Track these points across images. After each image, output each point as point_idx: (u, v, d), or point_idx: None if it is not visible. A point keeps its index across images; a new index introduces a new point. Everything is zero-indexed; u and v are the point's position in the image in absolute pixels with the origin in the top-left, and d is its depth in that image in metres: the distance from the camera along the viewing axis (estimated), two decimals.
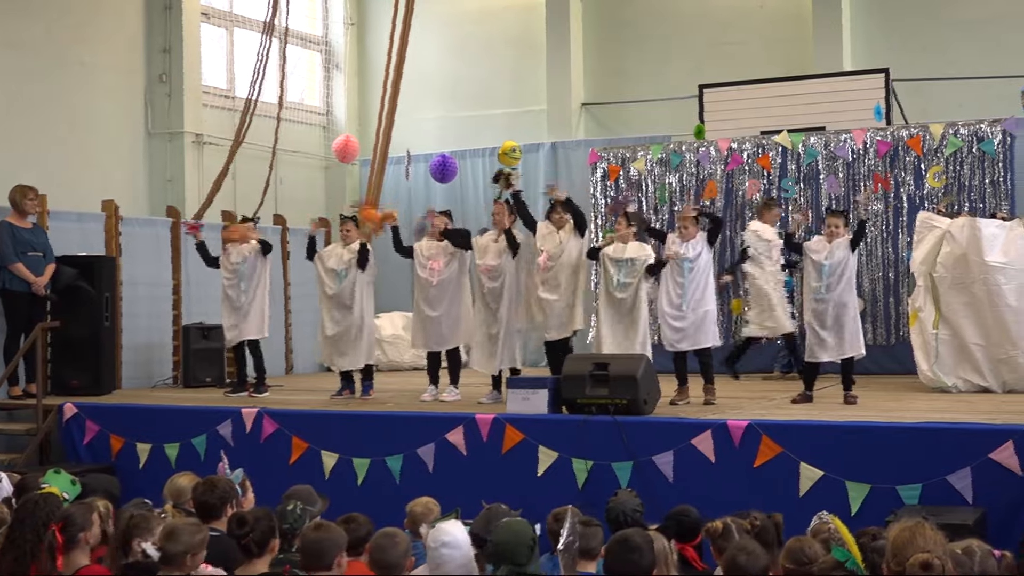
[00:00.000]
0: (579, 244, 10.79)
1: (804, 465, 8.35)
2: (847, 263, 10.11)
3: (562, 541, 5.14)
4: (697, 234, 10.31)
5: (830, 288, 10.05)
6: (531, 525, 5.28)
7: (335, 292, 11.69)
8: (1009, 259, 10.74)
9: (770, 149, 13.91)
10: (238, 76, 16.73)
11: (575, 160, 16.26)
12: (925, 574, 3.95)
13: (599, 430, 9.10)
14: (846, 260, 10.09)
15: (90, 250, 13.33)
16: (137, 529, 5.67)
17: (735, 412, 9.43)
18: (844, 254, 10.09)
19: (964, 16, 15.14)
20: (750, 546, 5.10)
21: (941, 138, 13.12)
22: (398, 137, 15.76)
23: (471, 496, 7.07)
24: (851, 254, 10.14)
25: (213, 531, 5.76)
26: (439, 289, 11.25)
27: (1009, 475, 7.80)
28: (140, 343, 14.10)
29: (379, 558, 5.36)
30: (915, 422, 8.57)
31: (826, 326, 10.10)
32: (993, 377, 10.84)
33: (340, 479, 9.86)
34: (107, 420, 11.29)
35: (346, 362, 11.77)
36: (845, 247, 10.09)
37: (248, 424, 10.52)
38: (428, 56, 17.54)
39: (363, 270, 11.66)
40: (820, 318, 10.13)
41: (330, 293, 11.74)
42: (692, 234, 10.30)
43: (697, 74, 15.51)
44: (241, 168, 15.74)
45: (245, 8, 17.05)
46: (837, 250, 10.08)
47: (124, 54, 15.26)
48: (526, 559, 5.06)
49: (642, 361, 9.52)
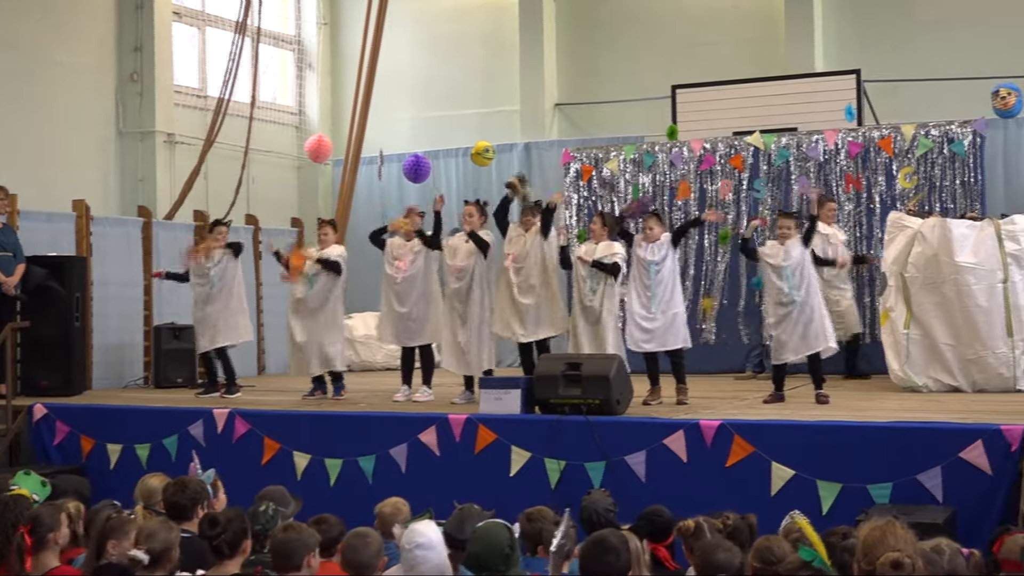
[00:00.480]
0: (543, 245, 10.79)
1: (776, 465, 8.38)
2: (804, 261, 10.21)
3: (555, 543, 5.16)
4: (662, 237, 10.33)
5: (797, 288, 10.12)
6: (509, 527, 5.27)
7: (303, 296, 11.65)
8: (979, 259, 10.81)
9: (742, 150, 13.95)
10: (210, 75, 16.66)
11: (548, 160, 16.27)
12: (895, 573, 3.96)
13: (572, 430, 9.11)
14: (803, 259, 10.20)
15: (61, 250, 13.26)
16: (113, 531, 5.64)
17: (707, 412, 9.46)
18: (799, 253, 10.18)
19: (935, 17, 15.22)
20: (725, 544, 5.11)
21: (912, 139, 13.19)
22: (371, 137, 15.78)
23: (444, 496, 7.06)
24: (806, 251, 10.24)
25: (184, 532, 5.73)
26: (404, 286, 11.25)
27: (979, 474, 7.85)
28: (111, 343, 14.03)
29: (351, 558, 5.36)
30: (886, 421, 8.61)
31: (792, 326, 10.16)
32: (963, 377, 10.90)
33: (312, 480, 9.83)
34: (78, 421, 11.22)
35: (316, 366, 11.73)
36: (799, 246, 10.18)
37: (220, 425, 10.48)
38: (401, 56, 17.52)
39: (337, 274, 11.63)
40: (786, 319, 10.18)
41: (298, 296, 11.70)
42: (656, 236, 10.33)
43: (670, 74, 15.53)
44: (213, 168, 15.68)
45: (217, 7, 16.98)
46: (792, 250, 10.16)
47: (95, 53, 15.17)
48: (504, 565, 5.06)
49: (615, 361, 9.53)
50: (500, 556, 5.07)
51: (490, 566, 5.05)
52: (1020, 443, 7.79)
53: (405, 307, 11.28)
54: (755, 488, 8.31)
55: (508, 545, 5.12)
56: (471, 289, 10.92)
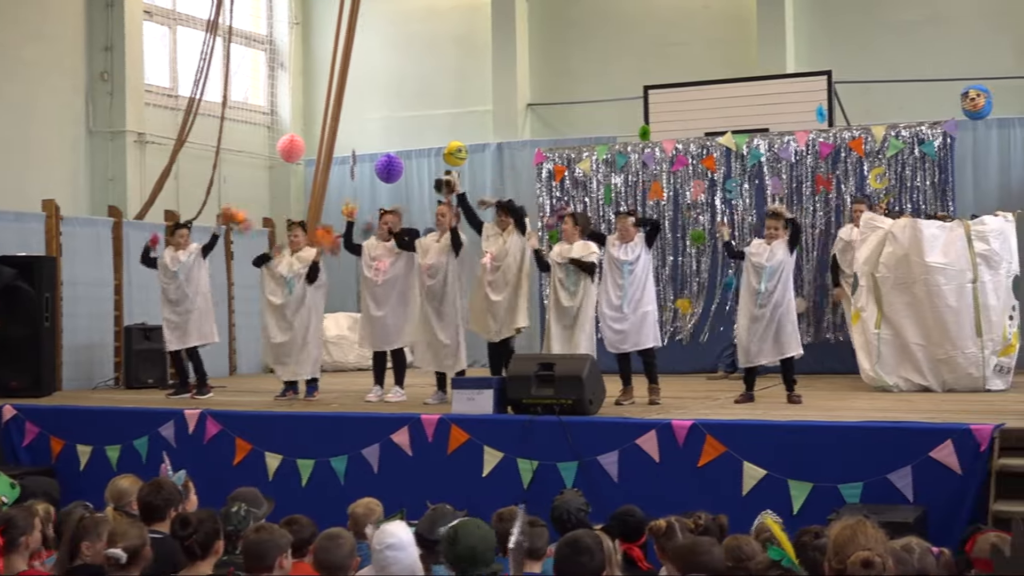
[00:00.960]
0: (521, 243, 10.80)
1: (747, 464, 8.41)
2: (787, 264, 10.23)
3: (512, 540, 5.13)
4: (636, 237, 10.35)
5: (772, 291, 10.15)
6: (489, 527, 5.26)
7: (282, 302, 11.61)
8: (949, 260, 10.88)
9: (714, 150, 13.99)
10: (181, 75, 16.60)
11: (521, 160, 16.28)
12: (866, 572, 3.98)
13: (544, 430, 9.11)
14: (786, 261, 10.22)
15: (30, 250, 13.17)
16: (87, 533, 5.61)
17: (679, 412, 9.48)
18: (784, 255, 10.20)
19: (905, 19, 15.30)
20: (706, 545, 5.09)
21: (883, 140, 13.26)
22: (343, 137, 15.73)
23: (416, 497, 7.05)
24: (789, 257, 10.27)
25: (157, 533, 5.70)
26: (384, 288, 11.24)
27: (949, 473, 7.90)
28: (81, 344, 13.94)
29: (323, 559, 5.34)
30: (856, 421, 8.64)
31: (765, 328, 10.19)
32: (933, 376, 10.97)
33: (284, 480, 9.80)
34: (47, 422, 11.15)
35: (289, 372, 11.69)
36: (784, 248, 10.20)
37: (191, 425, 10.43)
38: (373, 56, 17.48)
39: (311, 283, 11.61)
40: (760, 320, 10.21)
41: (277, 303, 11.65)
42: (630, 236, 10.35)
43: (642, 75, 15.56)
44: (184, 168, 15.62)
45: (188, 6, 16.90)
46: (778, 251, 10.18)
47: (65, 52, 15.08)
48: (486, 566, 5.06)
49: (587, 361, 9.54)
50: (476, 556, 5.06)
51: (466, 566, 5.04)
52: (989, 442, 7.85)
53: (381, 311, 11.27)
54: (727, 488, 8.33)
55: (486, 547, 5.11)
56: (445, 286, 10.92)
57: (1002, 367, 10.90)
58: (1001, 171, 14.06)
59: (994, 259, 10.90)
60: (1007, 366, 10.94)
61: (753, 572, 4.65)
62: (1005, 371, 10.93)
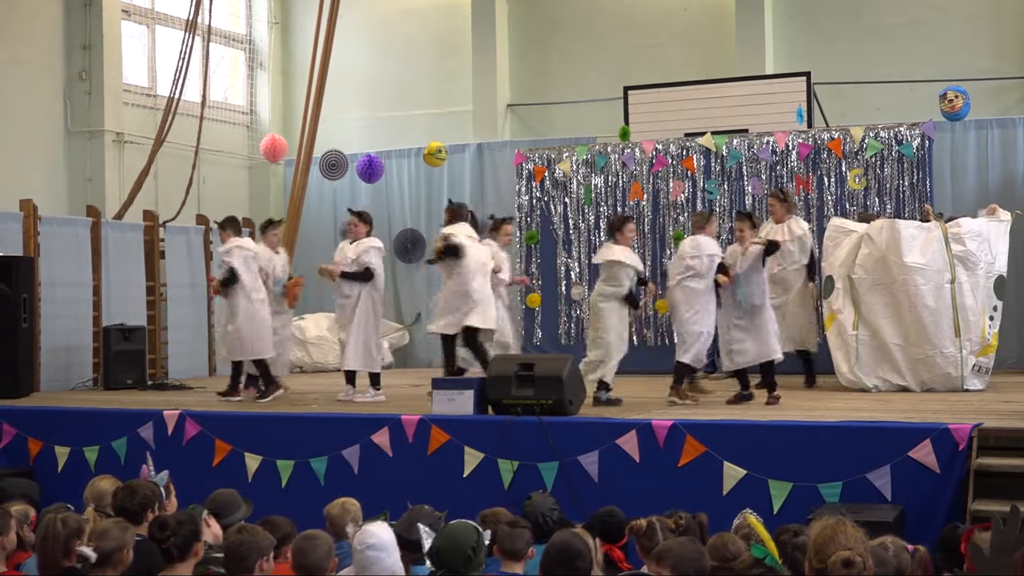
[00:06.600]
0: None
1: (727, 464, 8.44)
2: (757, 267, 10.27)
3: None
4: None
5: (748, 297, 10.21)
6: (479, 530, 5.26)
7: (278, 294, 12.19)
8: (927, 260, 10.92)
9: (694, 151, 14.03)
10: (160, 74, 16.52)
11: (501, 161, 16.28)
12: (846, 572, 4.00)
13: (525, 431, 9.11)
14: (757, 266, 10.27)
15: (7, 250, 13.09)
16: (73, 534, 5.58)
17: (659, 412, 9.50)
18: (755, 261, 10.23)
19: (883, 21, 15.36)
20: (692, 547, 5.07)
21: (861, 141, 13.32)
22: (323, 137, 15.70)
23: (397, 497, 7.03)
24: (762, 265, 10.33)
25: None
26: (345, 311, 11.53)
27: (927, 472, 7.94)
28: (59, 344, 13.88)
29: (301, 561, 5.32)
30: (835, 421, 8.69)
31: (745, 333, 10.24)
32: (912, 376, 11.01)
33: (264, 481, 9.78)
34: (25, 423, 11.09)
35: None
36: (756, 255, 10.23)
37: (170, 426, 10.39)
38: (354, 56, 17.45)
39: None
40: (738, 325, 10.26)
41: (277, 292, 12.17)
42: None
43: (622, 76, 15.59)
44: (163, 167, 15.55)
45: (167, 5, 16.83)
46: (750, 258, 10.23)
47: (42, 50, 15.00)
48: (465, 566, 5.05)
49: (567, 362, 9.55)
50: (462, 556, 5.06)
51: (450, 565, 5.04)
52: (967, 442, 7.89)
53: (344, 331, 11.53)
54: (707, 487, 8.35)
55: (471, 547, 5.10)
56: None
57: (980, 367, 10.95)
58: (978, 172, 14.13)
59: (971, 260, 10.95)
60: (985, 366, 11.00)
61: (738, 570, 4.66)
62: (983, 371, 10.99)
